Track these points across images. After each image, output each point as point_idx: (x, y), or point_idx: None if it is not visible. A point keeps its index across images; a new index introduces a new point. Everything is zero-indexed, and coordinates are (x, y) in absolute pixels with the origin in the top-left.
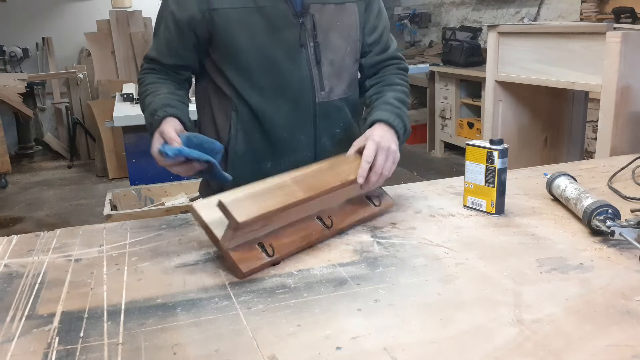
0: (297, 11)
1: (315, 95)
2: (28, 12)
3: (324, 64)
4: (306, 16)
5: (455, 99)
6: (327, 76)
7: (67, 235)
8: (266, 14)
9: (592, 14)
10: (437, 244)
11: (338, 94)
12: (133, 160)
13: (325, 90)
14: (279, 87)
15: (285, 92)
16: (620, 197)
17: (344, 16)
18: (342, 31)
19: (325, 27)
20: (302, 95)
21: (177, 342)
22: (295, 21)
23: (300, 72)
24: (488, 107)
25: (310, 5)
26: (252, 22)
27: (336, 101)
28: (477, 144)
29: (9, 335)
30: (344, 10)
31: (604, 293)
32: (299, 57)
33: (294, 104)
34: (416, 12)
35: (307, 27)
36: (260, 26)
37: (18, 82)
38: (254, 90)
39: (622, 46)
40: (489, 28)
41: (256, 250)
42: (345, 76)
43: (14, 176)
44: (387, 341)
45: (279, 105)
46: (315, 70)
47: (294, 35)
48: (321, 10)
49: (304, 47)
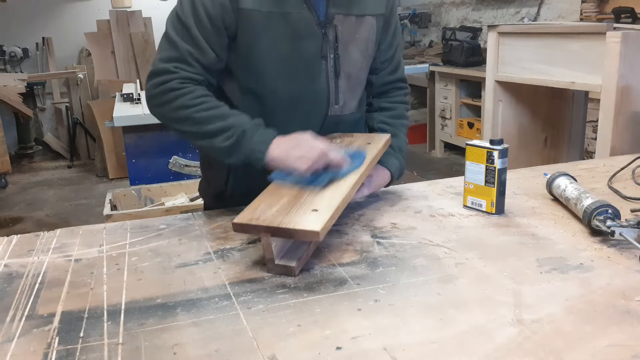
0: (320, 21)
1: (329, 109)
2: (28, 12)
3: (341, 77)
4: (329, 27)
5: (455, 99)
6: (342, 90)
7: (67, 235)
8: (291, 20)
9: (592, 14)
10: (437, 244)
11: (350, 108)
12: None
13: (340, 104)
14: (293, 97)
15: (300, 103)
16: (620, 197)
17: (363, 29)
18: (360, 45)
19: (345, 39)
20: (316, 107)
21: (177, 342)
22: (318, 31)
23: (319, 84)
24: (488, 107)
25: (335, 16)
26: (275, 27)
27: (347, 116)
28: (477, 144)
29: (9, 335)
30: (363, 23)
31: (604, 293)
32: (318, 69)
33: (305, 115)
34: (416, 12)
35: (330, 38)
36: (283, 33)
37: (18, 82)
38: (267, 97)
39: (622, 46)
40: (489, 28)
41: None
42: (358, 91)
43: (14, 176)
44: (387, 341)
45: (289, 115)
46: (333, 84)
47: (316, 46)
48: (343, 22)
49: (325, 59)
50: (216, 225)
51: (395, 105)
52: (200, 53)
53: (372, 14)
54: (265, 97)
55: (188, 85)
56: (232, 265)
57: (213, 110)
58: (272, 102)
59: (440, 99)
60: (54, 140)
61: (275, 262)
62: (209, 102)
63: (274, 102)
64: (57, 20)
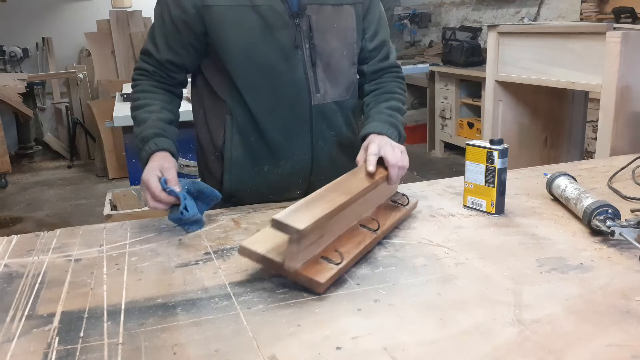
0: (293, 12)
1: (311, 98)
2: (28, 12)
3: (319, 67)
4: (302, 17)
5: (455, 99)
6: (322, 79)
7: (67, 235)
8: (262, 13)
9: (592, 14)
10: (437, 244)
11: (333, 96)
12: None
13: (321, 92)
14: (274, 89)
15: (281, 94)
16: (620, 197)
17: (341, 18)
18: (338, 33)
19: (322, 28)
20: (298, 97)
21: (177, 342)
22: (290, 22)
23: (296, 74)
24: (488, 107)
25: (307, 6)
26: (247, 21)
27: (331, 104)
28: (477, 144)
29: (9, 335)
30: (341, 12)
31: (604, 293)
32: (294, 59)
33: (289, 106)
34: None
35: (303, 28)
36: (255, 26)
37: (18, 82)
38: (249, 91)
39: (622, 46)
40: (489, 28)
41: (323, 263)
42: (341, 79)
43: (14, 176)
44: (387, 341)
45: (274, 107)
46: (311, 73)
47: (290, 37)
48: (318, 12)
49: (299, 49)
50: (216, 225)
51: (382, 84)
52: (156, 49)
53: (350, 3)
54: (247, 89)
55: (141, 78)
56: (232, 265)
57: (139, 110)
58: (254, 94)
59: (440, 99)
60: (54, 140)
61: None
62: (142, 99)
63: (256, 94)
64: (57, 20)
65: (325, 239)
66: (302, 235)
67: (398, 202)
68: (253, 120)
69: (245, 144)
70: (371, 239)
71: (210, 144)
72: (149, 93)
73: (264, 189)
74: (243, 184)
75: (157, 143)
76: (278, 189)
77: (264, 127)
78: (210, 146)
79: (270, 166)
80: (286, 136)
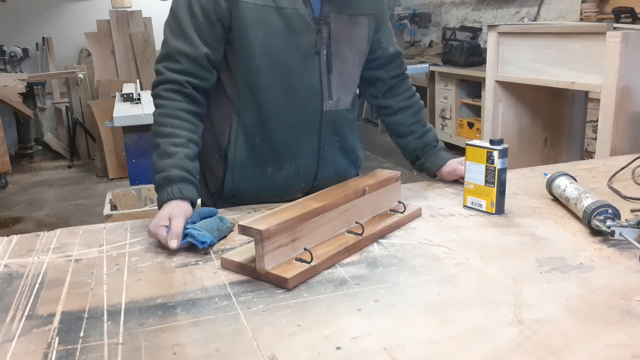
0: (315, 17)
1: (324, 104)
2: (28, 12)
3: (333, 73)
4: (323, 24)
5: (455, 99)
6: (335, 86)
7: (67, 235)
8: (286, 16)
9: (592, 14)
10: (437, 244)
11: (345, 104)
12: (133, 160)
13: (333, 99)
14: (288, 91)
15: (294, 98)
16: (620, 197)
17: (355, 28)
18: (352, 43)
19: (337, 36)
20: (311, 102)
21: (177, 342)
22: (313, 27)
23: (312, 79)
24: (488, 107)
25: (330, 14)
26: (270, 22)
27: (343, 111)
28: (477, 144)
29: (9, 335)
30: (356, 22)
31: (604, 293)
32: (311, 64)
33: (301, 109)
34: (416, 12)
35: (323, 34)
36: (278, 27)
37: (18, 82)
38: (263, 92)
39: (622, 46)
40: (489, 28)
41: (295, 263)
42: (351, 87)
43: (14, 176)
44: (387, 341)
45: (285, 110)
46: (325, 79)
47: (310, 41)
48: (336, 19)
49: (318, 55)
50: None
51: (411, 101)
52: (189, 46)
53: (364, 14)
54: (260, 91)
55: (168, 96)
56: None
57: (164, 139)
58: (267, 96)
59: (440, 99)
60: (54, 140)
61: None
62: (169, 126)
63: (269, 97)
64: (57, 20)
65: (303, 243)
66: (264, 236)
67: (397, 211)
68: (261, 122)
69: (250, 145)
70: (354, 242)
71: (214, 143)
72: (176, 120)
73: (266, 191)
74: (245, 185)
75: (182, 191)
76: (280, 191)
77: (273, 129)
78: (214, 145)
79: (274, 168)
80: (293, 139)
